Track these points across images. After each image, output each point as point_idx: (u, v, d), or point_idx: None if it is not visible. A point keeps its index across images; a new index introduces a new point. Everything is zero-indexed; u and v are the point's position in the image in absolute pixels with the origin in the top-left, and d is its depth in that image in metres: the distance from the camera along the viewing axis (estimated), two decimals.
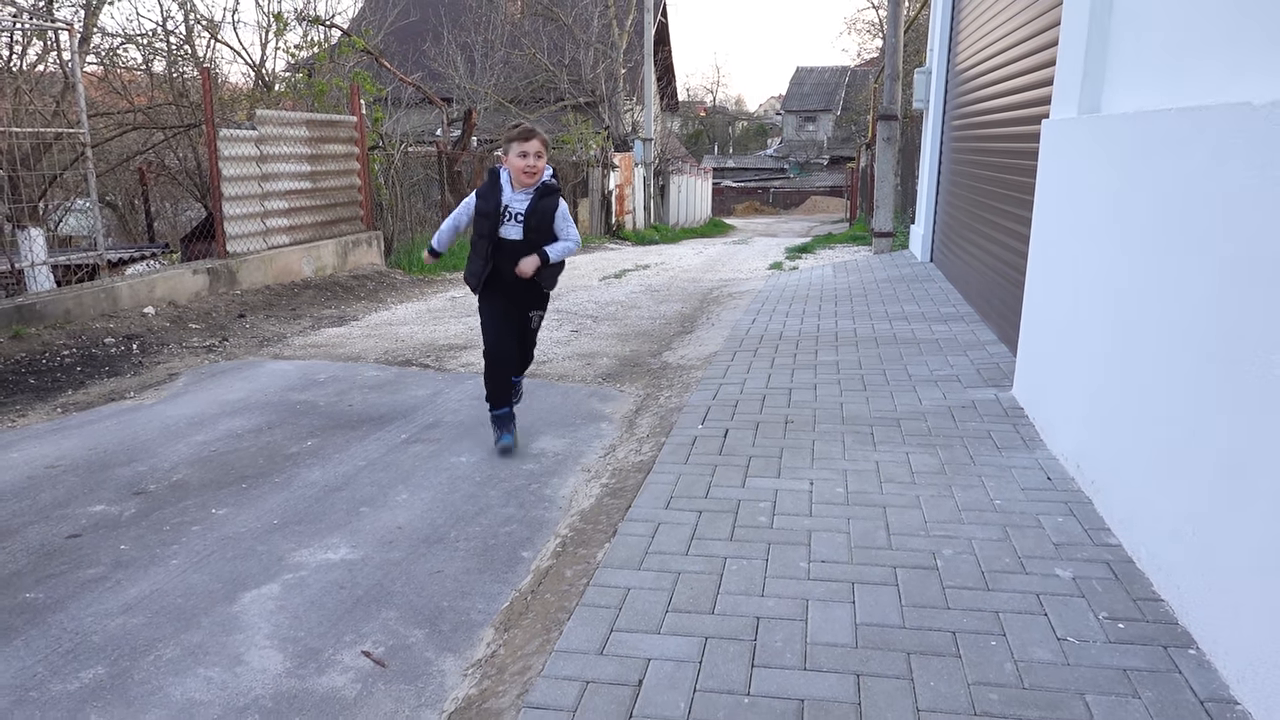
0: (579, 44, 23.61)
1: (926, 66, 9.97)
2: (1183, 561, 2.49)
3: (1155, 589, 2.62)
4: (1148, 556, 2.73)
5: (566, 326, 7.51)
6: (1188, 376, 2.51)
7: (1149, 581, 2.66)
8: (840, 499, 3.32)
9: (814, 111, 47.52)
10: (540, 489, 3.77)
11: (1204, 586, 2.36)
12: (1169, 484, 2.61)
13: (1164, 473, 2.65)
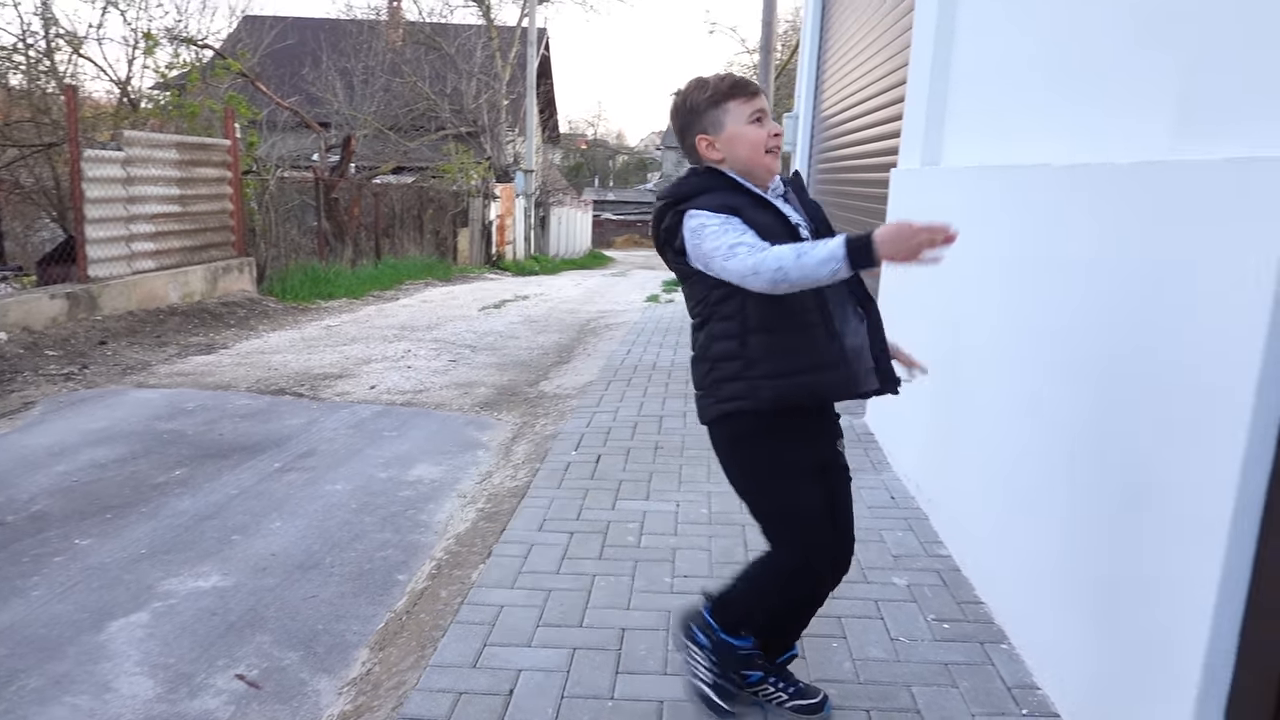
0: (461, 74, 23.66)
1: (794, 112, 10.54)
2: (997, 568, 2.81)
3: (977, 593, 2.93)
4: (971, 564, 3.05)
5: (444, 356, 7.57)
6: (1003, 406, 2.84)
7: (972, 586, 2.98)
8: (704, 519, 3.54)
9: None
10: (416, 515, 3.85)
11: (1013, 590, 2.68)
12: (987, 500, 2.93)
13: (983, 490, 2.98)
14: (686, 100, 2.02)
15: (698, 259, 1.91)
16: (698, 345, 2.06)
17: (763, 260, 1.78)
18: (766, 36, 11.69)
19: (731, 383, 1.98)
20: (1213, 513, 1.66)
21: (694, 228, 1.91)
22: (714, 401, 2.02)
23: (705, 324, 2.02)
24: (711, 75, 2.05)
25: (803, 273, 1.75)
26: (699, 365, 2.07)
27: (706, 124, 2.00)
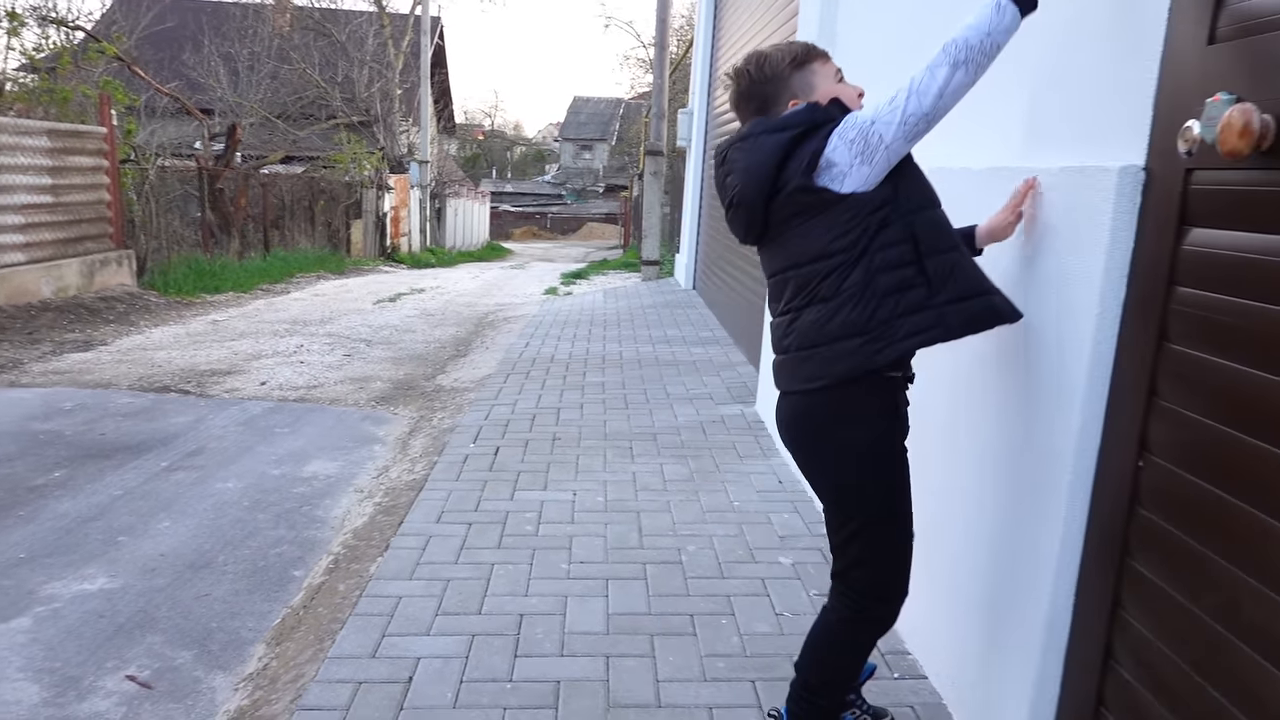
0: (353, 62, 23.07)
1: (689, 108, 10.74)
2: None
3: None
4: None
5: (339, 350, 7.45)
6: None
7: None
8: (600, 507, 3.64)
9: (590, 140, 48.86)
10: (312, 510, 3.83)
11: None
12: None
13: None
14: (765, 69, 1.86)
15: (870, 148, 1.69)
16: (845, 289, 1.75)
17: (952, 48, 1.66)
18: (661, 33, 11.84)
19: (914, 315, 1.74)
20: (1051, 484, 1.84)
21: (857, 121, 1.72)
22: (883, 345, 1.74)
23: (861, 258, 1.74)
24: (774, 45, 1.92)
25: (995, 23, 1.66)
26: (849, 310, 1.75)
27: (796, 88, 1.85)
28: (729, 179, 1.89)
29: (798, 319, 1.84)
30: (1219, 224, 1.51)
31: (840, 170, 1.73)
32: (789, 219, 1.80)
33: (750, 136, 1.83)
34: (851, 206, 1.74)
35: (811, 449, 1.89)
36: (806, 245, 1.79)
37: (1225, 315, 1.47)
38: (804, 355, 1.83)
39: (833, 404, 1.83)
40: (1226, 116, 1.39)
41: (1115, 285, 1.73)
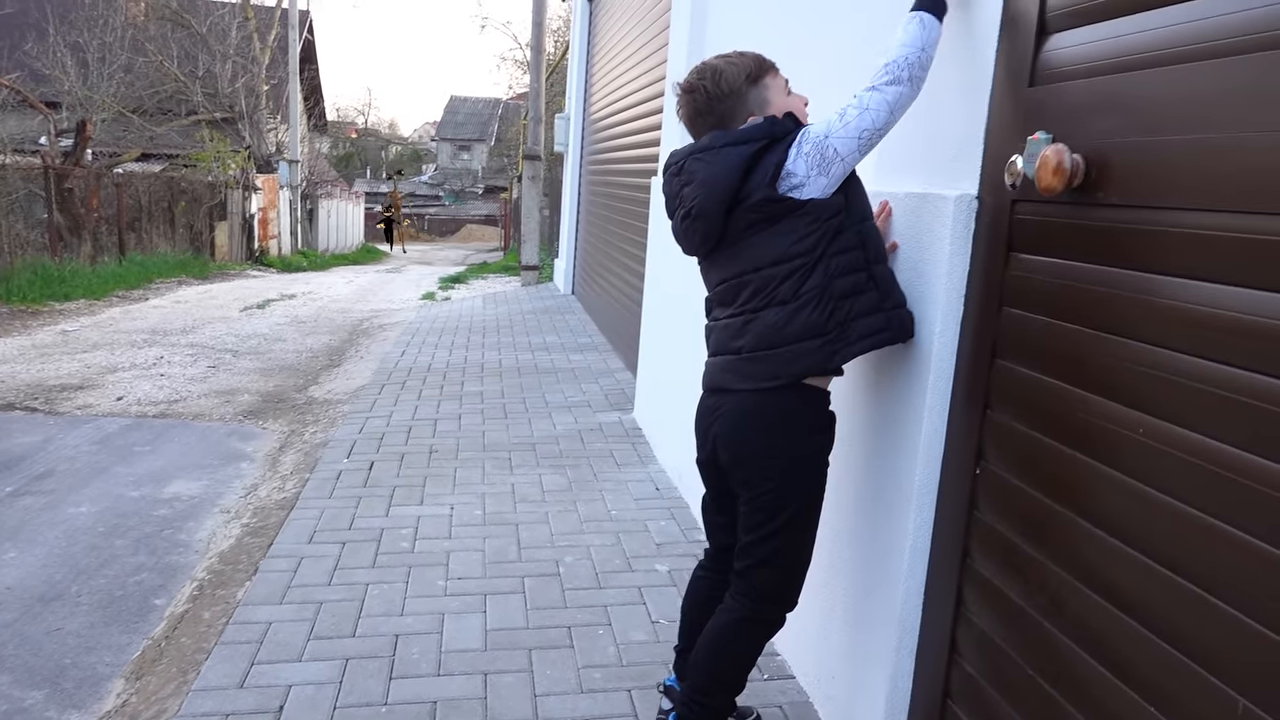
0: (215, 55, 22.06)
1: (566, 113, 10.75)
2: None
3: None
4: None
5: (203, 361, 7.14)
6: None
7: None
8: (478, 520, 3.63)
9: (469, 140, 48.21)
10: (174, 534, 3.67)
11: None
12: None
13: None
14: (722, 85, 1.91)
15: (826, 161, 1.79)
16: (804, 292, 1.83)
17: (893, 67, 1.77)
18: (537, 37, 11.82)
19: (867, 318, 1.85)
20: (902, 490, 1.97)
21: (812, 136, 1.81)
22: (841, 346, 1.84)
23: (819, 261, 1.82)
24: (723, 58, 1.96)
25: (926, 38, 1.78)
26: (809, 311, 1.83)
27: (752, 104, 1.92)
28: (686, 190, 1.94)
29: (754, 320, 1.90)
30: (1039, 251, 1.64)
31: (799, 180, 1.82)
32: (748, 227, 1.87)
33: (711, 149, 1.88)
34: (810, 212, 1.83)
35: (756, 446, 1.92)
36: (765, 250, 1.86)
37: (1043, 335, 1.61)
38: (761, 355, 1.89)
39: (784, 405, 1.90)
40: (1042, 155, 1.52)
41: (954, 305, 1.86)
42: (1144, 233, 1.39)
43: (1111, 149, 1.45)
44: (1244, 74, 1.21)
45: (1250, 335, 1.19)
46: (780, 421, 1.91)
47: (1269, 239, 1.17)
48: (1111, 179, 1.45)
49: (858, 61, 2.50)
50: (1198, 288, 1.28)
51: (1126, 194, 1.42)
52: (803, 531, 1.96)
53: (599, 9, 9.69)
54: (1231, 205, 1.23)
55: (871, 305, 1.87)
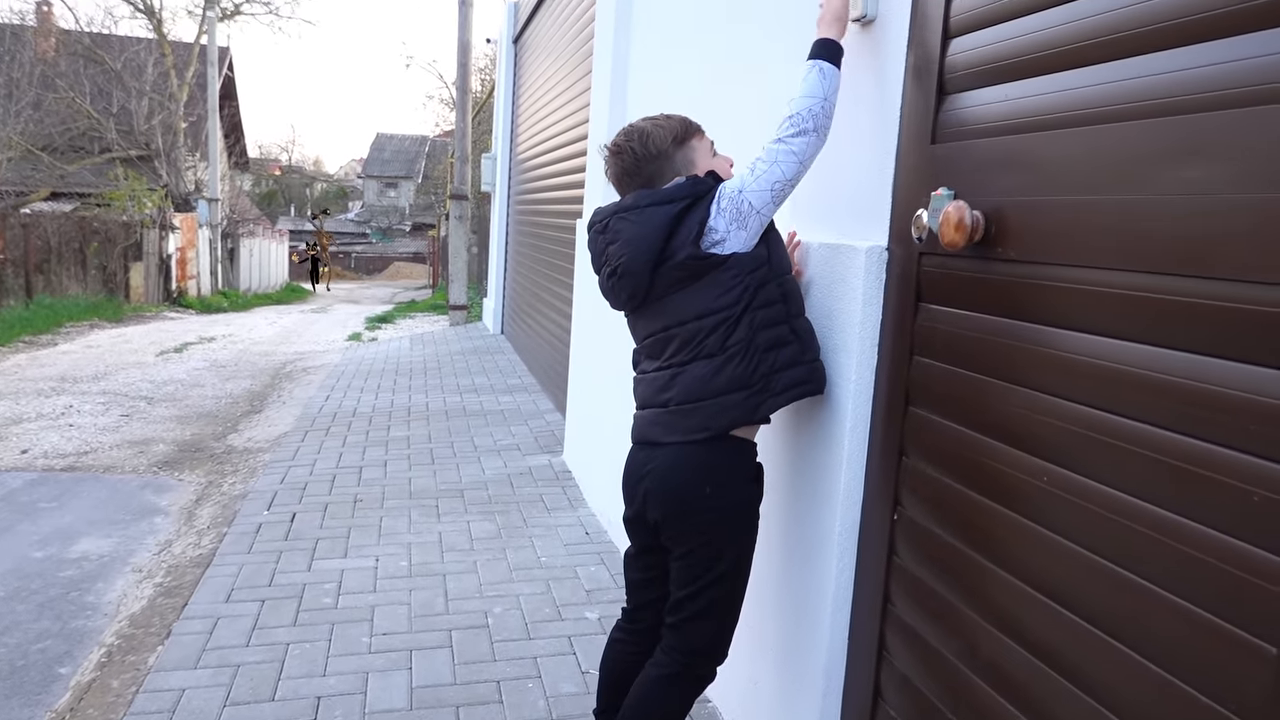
0: (130, 92, 21.51)
1: (492, 153, 10.76)
2: None
3: None
4: None
5: (115, 410, 6.88)
6: None
7: None
8: (404, 572, 3.56)
9: (395, 178, 47.78)
10: (82, 597, 3.51)
11: None
12: None
13: None
14: (650, 147, 1.96)
15: (742, 215, 1.84)
16: (730, 345, 1.86)
17: (798, 119, 1.83)
18: (463, 77, 11.83)
19: (790, 369, 1.90)
20: (824, 537, 1.99)
21: (728, 192, 1.86)
22: (766, 398, 1.87)
23: (744, 315, 1.86)
24: (650, 121, 2.01)
25: (827, 86, 1.84)
26: (735, 365, 1.85)
27: (679, 165, 1.97)
28: (611, 248, 1.95)
29: (681, 373, 1.91)
30: (945, 302, 1.70)
31: (720, 236, 1.85)
32: (673, 284, 1.90)
33: (636, 208, 1.92)
34: (733, 266, 1.86)
35: (689, 499, 1.91)
36: (691, 305, 1.89)
37: (952, 384, 1.66)
38: (689, 408, 1.90)
39: (714, 457, 1.91)
40: (944, 211, 1.58)
41: (868, 354, 1.90)
42: (1040, 287, 1.45)
43: (1009, 206, 1.51)
44: (1126, 140, 1.28)
45: (1135, 387, 1.25)
46: (711, 474, 1.91)
47: (1146, 296, 1.24)
48: (1009, 235, 1.51)
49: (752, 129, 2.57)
50: (1088, 340, 1.34)
51: (1023, 250, 1.48)
52: (736, 584, 1.97)
53: (524, 51, 9.76)
54: (1112, 263, 1.29)
55: (794, 357, 1.91)
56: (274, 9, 30.97)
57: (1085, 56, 1.37)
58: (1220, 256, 1.13)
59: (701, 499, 1.91)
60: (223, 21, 23.75)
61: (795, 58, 2.30)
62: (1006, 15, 1.54)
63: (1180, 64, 1.21)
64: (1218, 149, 1.14)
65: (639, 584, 2.11)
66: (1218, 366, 1.13)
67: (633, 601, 2.14)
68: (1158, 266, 1.22)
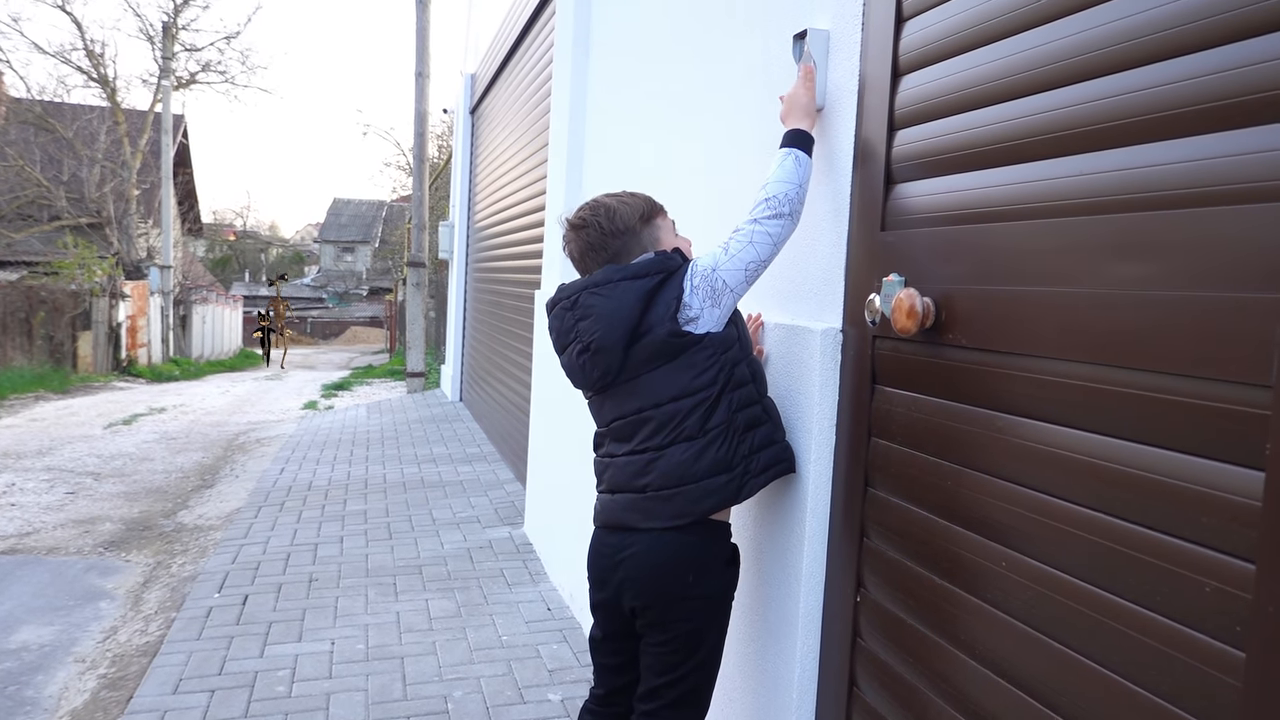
0: (81, 160, 21.34)
1: (450, 221, 10.81)
2: None
3: None
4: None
5: (60, 487, 6.68)
6: None
7: None
8: (361, 656, 3.46)
9: (352, 242, 47.71)
10: (20, 691, 3.36)
11: None
12: None
13: None
14: (616, 223, 1.95)
15: (716, 293, 1.85)
16: (711, 427, 1.85)
17: (775, 202, 1.86)
18: (419, 146, 11.93)
19: (767, 449, 1.92)
20: (788, 619, 1.99)
21: (701, 270, 1.87)
22: (747, 479, 1.87)
23: (722, 395, 1.85)
24: (615, 198, 2.01)
25: (802, 174, 1.88)
26: (716, 447, 1.85)
27: (646, 242, 1.96)
28: (582, 324, 1.90)
29: (659, 458, 1.87)
30: (900, 385, 1.73)
31: (695, 314, 1.85)
32: (647, 362, 1.87)
33: (609, 283, 1.88)
34: (708, 346, 1.86)
35: (671, 586, 1.88)
36: (666, 385, 1.86)
37: (909, 466, 1.68)
38: (669, 493, 1.87)
39: (695, 543, 1.89)
40: (895, 298, 1.62)
41: (827, 434, 1.92)
42: (988, 373, 1.48)
43: (957, 294, 1.56)
44: (1065, 233, 1.33)
45: (1077, 471, 1.28)
46: (694, 560, 1.89)
47: (1085, 385, 1.27)
48: (958, 322, 1.55)
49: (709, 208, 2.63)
50: (1036, 427, 1.37)
51: (972, 337, 1.52)
52: (712, 670, 1.95)
53: (481, 121, 9.89)
54: (1054, 353, 1.33)
55: (769, 436, 1.93)
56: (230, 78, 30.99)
57: (1027, 152, 1.43)
58: (1152, 349, 1.17)
59: (685, 586, 1.88)
60: (178, 90, 23.76)
61: (750, 150, 2.37)
62: (950, 110, 1.60)
63: (1116, 164, 1.27)
64: (1150, 247, 1.19)
65: (611, 669, 2.06)
66: (1151, 454, 1.17)
67: (604, 686, 2.08)
68: (1095, 357, 1.26)
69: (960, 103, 1.58)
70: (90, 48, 22.53)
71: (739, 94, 2.48)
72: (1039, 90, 1.41)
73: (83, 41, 22.35)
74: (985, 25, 1.53)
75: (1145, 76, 1.22)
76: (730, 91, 2.56)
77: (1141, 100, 1.23)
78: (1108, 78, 1.28)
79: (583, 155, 4.55)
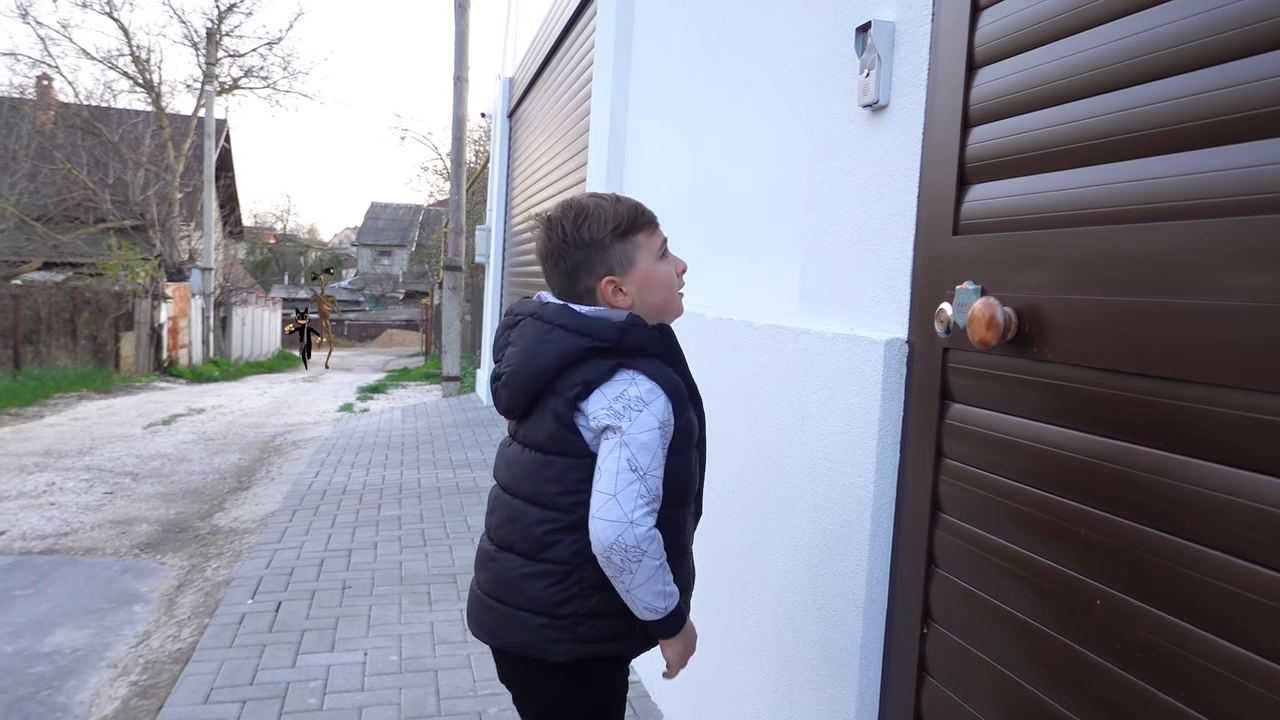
0: (127, 163, 21.71)
1: (486, 225, 10.79)
2: (678, 693, 2.94)
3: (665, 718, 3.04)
4: (658, 688, 3.16)
5: (99, 487, 6.71)
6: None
7: (661, 712, 3.08)
8: (394, 668, 3.39)
9: (389, 246, 48.15)
10: (52, 696, 3.32)
11: (691, 713, 2.80)
12: None
13: None
14: (583, 231, 1.60)
15: (599, 437, 1.54)
16: (549, 548, 1.59)
17: (643, 544, 1.49)
18: (457, 150, 11.93)
19: (603, 620, 1.60)
20: (845, 652, 1.86)
21: (633, 399, 1.53)
22: (569, 639, 1.59)
23: (578, 526, 1.55)
24: (595, 199, 1.65)
25: (643, 586, 1.52)
26: (542, 580, 1.59)
27: (614, 260, 1.61)
28: (509, 349, 1.66)
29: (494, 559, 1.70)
30: (976, 402, 1.60)
31: (585, 428, 1.57)
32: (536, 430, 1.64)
33: (546, 322, 1.61)
34: (583, 459, 1.57)
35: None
36: (532, 474, 1.64)
37: (988, 491, 1.55)
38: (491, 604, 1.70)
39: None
40: (972, 309, 1.49)
41: (890, 455, 1.80)
42: (1079, 391, 1.35)
43: (1044, 304, 1.43)
44: (1170, 239, 1.20)
45: (1188, 506, 1.15)
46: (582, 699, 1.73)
47: (1198, 408, 1.14)
48: (1044, 335, 1.42)
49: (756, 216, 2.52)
50: (1136, 452, 1.24)
51: (1061, 351, 1.39)
52: None
53: (519, 124, 9.85)
54: (1161, 371, 1.20)
55: (611, 606, 1.59)
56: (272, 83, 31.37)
57: (1127, 149, 1.30)
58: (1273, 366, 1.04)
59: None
60: (221, 95, 24.12)
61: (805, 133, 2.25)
62: (1036, 104, 1.47)
63: (1239, 161, 1.14)
64: (1275, 253, 1.06)
65: None
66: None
67: None
68: (1209, 377, 1.13)
69: (1048, 96, 1.45)
70: (136, 53, 22.97)
71: (794, 97, 2.37)
72: (1140, 81, 1.28)
73: (129, 47, 22.82)
74: (1078, 10, 1.40)
75: (1263, 65, 1.09)
76: (786, 90, 2.44)
77: (1261, 91, 1.09)
78: (1220, 66, 1.15)
79: (623, 157, 4.45)
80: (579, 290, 1.64)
